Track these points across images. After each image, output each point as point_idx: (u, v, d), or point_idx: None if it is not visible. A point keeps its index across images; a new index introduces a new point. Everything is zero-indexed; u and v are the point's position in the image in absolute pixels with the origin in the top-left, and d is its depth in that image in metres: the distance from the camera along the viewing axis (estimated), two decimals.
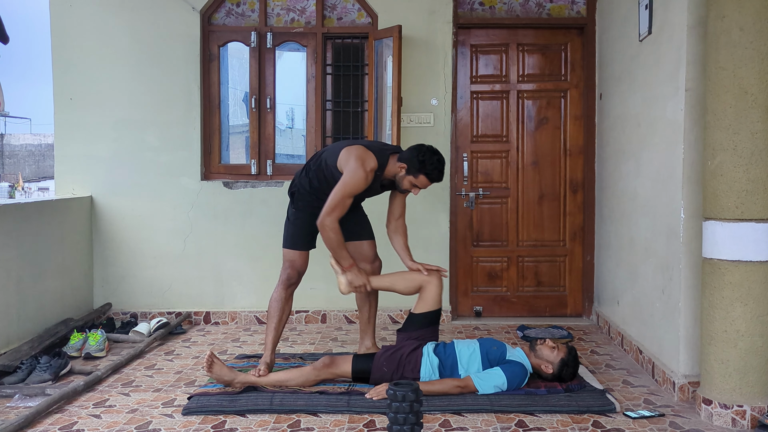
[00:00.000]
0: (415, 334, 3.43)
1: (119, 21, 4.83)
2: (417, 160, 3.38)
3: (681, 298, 3.26)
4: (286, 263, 3.61)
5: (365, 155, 3.36)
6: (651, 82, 3.69)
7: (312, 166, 3.54)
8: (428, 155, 3.39)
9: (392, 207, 3.69)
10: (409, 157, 3.41)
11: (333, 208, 3.33)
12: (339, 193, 3.33)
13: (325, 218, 3.33)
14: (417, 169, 3.39)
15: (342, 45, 5.03)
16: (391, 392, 2.51)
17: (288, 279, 3.59)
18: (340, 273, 3.47)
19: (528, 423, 2.96)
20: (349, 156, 3.36)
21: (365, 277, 3.47)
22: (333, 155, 3.45)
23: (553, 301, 5.08)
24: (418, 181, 3.42)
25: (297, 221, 3.57)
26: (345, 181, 3.33)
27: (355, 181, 3.32)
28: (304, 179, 3.54)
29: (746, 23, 2.80)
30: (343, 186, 3.33)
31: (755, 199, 2.84)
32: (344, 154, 3.39)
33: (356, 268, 3.46)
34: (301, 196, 3.54)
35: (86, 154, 4.86)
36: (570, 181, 5.04)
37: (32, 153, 19.67)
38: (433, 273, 3.49)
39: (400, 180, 3.46)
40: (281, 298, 3.59)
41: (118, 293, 4.90)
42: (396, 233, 3.68)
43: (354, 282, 3.44)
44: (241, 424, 2.97)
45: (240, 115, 5.14)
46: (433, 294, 3.45)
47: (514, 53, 5.03)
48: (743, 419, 2.89)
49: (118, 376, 3.65)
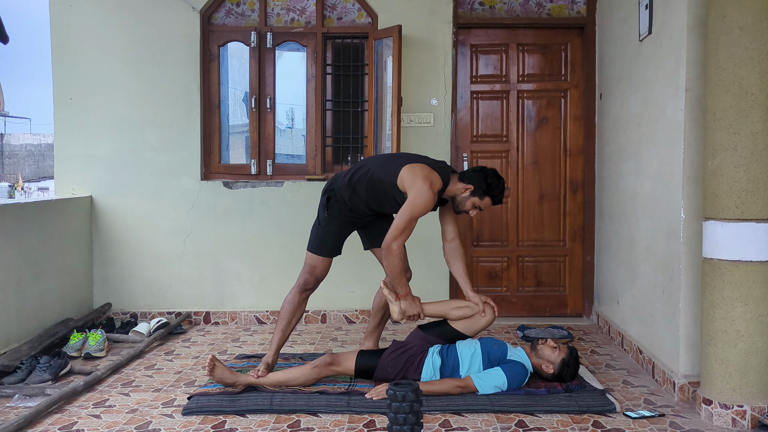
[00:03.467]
0: (431, 338, 3.42)
1: (119, 21, 4.83)
2: (485, 183, 3.34)
3: (681, 298, 3.26)
4: (307, 267, 3.53)
5: (431, 175, 3.26)
6: (651, 82, 3.69)
7: (358, 176, 3.38)
8: (495, 179, 3.36)
9: (445, 229, 3.58)
10: (476, 179, 3.35)
11: (401, 231, 3.21)
12: (407, 216, 3.20)
13: (392, 242, 3.21)
14: (484, 191, 3.34)
15: (342, 45, 5.03)
16: (391, 392, 2.51)
17: (305, 283, 3.52)
18: (394, 302, 3.37)
19: (528, 423, 2.96)
20: (414, 176, 3.24)
21: (419, 305, 3.38)
22: (390, 172, 3.31)
23: (553, 301, 5.08)
24: (483, 203, 3.37)
25: (328, 227, 3.47)
26: (414, 203, 3.19)
27: (425, 203, 3.21)
28: (345, 188, 3.39)
29: (746, 23, 2.80)
30: (411, 208, 3.20)
31: (755, 199, 2.84)
32: (407, 172, 3.26)
33: (411, 296, 3.36)
34: (337, 203, 3.43)
35: (86, 154, 4.86)
36: (570, 181, 5.04)
37: (32, 153, 19.67)
38: (490, 309, 3.44)
39: (462, 201, 3.38)
40: (294, 302, 3.52)
41: (118, 293, 4.90)
42: (453, 257, 3.56)
43: (408, 311, 3.34)
44: (241, 424, 2.97)
45: (240, 115, 5.13)
46: (480, 326, 3.44)
47: (514, 53, 5.03)
48: (743, 419, 2.89)
49: (118, 376, 3.65)
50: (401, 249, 3.25)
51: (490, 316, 3.44)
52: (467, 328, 3.44)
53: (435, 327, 3.48)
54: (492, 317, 3.44)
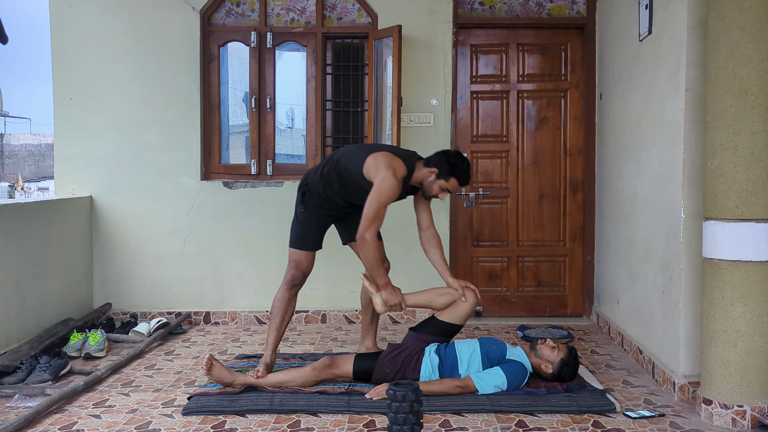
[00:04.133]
0: (425, 337, 3.43)
1: (119, 21, 4.83)
2: (448, 164, 3.37)
3: (681, 298, 3.26)
4: (292, 263, 3.57)
5: (394, 162, 3.30)
6: (651, 82, 3.69)
7: (329, 168, 3.45)
8: (458, 159, 3.40)
9: (420, 218, 3.60)
10: (439, 162, 3.39)
11: (372, 220, 3.24)
12: (375, 205, 3.24)
13: (365, 233, 3.24)
14: (448, 172, 3.37)
15: (342, 45, 5.03)
16: (391, 392, 2.51)
17: (292, 279, 3.57)
18: (375, 293, 3.39)
19: (528, 423, 2.96)
20: (378, 164, 3.28)
21: (400, 295, 3.40)
22: (355, 161, 3.37)
23: (553, 301, 5.08)
24: (449, 185, 3.40)
25: (306, 221, 3.53)
26: (379, 191, 3.24)
27: (390, 190, 3.25)
28: (318, 181, 3.46)
29: (746, 23, 2.80)
30: (378, 196, 3.24)
31: (755, 199, 2.84)
32: (371, 161, 3.31)
33: (391, 286, 3.39)
34: (312, 197, 3.50)
35: (86, 154, 4.86)
36: (570, 181, 5.04)
37: (32, 153, 19.67)
38: (471, 292, 3.45)
39: (429, 185, 3.41)
40: (284, 299, 3.57)
41: (118, 293, 4.90)
42: (430, 245, 3.59)
43: (389, 301, 3.36)
44: (241, 424, 2.97)
45: (240, 115, 5.13)
46: (465, 311, 3.44)
47: (514, 53, 5.03)
48: (743, 419, 2.89)
49: (118, 376, 3.65)
50: (375, 238, 3.27)
51: (472, 299, 3.44)
52: (453, 316, 3.44)
53: (425, 325, 3.49)
54: (474, 300, 3.44)
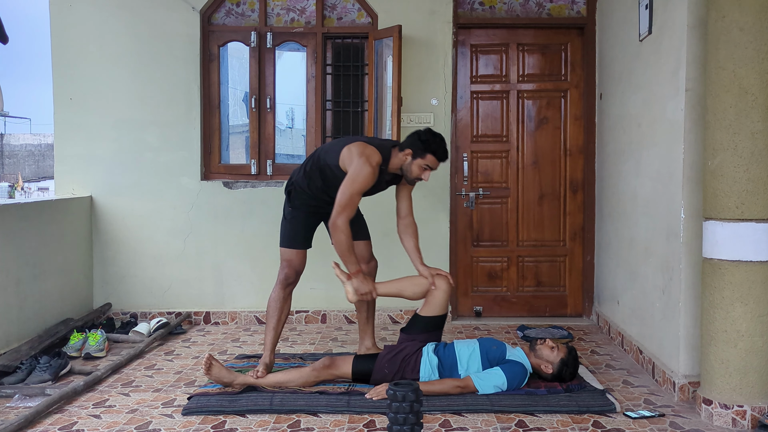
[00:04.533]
0: (419, 336, 3.43)
1: (119, 21, 4.83)
2: (420, 142, 3.38)
3: (681, 298, 3.26)
4: (284, 263, 3.60)
5: (368, 150, 3.33)
6: (651, 82, 3.69)
7: (310, 165, 3.50)
8: (429, 135, 3.41)
9: (399, 206, 3.63)
10: (411, 142, 3.41)
11: (344, 207, 3.27)
12: (348, 192, 3.27)
13: (336, 219, 3.27)
14: (423, 149, 3.37)
15: (342, 45, 5.03)
16: (391, 392, 2.51)
17: (286, 278, 3.58)
18: (346, 281, 3.41)
19: (528, 423, 2.96)
20: (351, 154, 3.32)
21: (371, 283, 3.42)
22: (332, 154, 3.41)
23: (553, 301, 5.08)
24: (427, 161, 3.39)
25: (294, 220, 3.55)
26: (353, 179, 3.28)
27: (363, 178, 3.27)
28: (302, 179, 3.50)
29: (746, 23, 2.80)
30: (351, 183, 3.27)
31: (755, 199, 2.84)
32: (346, 152, 3.35)
33: (362, 274, 3.40)
34: (298, 195, 3.53)
35: (86, 154, 4.86)
36: (570, 181, 5.04)
37: (32, 153, 19.67)
38: (442, 278, 3.46)
39: (408, 167, 3.42)
40: (279, 298, 3.58)
41: (118, 293, 4.90)
42: (405, 234, 3.62)
43: (360, 289, 3.38)
44: (241, 424, 2.97)
45: (240, 115, 5.13)
46: (440, 299, 3.44)
47: (514, 53, 5.03)
48: (743, 419, 2.89)
49: (118, 376, 3.65)
50: (347, 225, 3.29)
51: (444, 285, 3.44)
52: (433, 308, 3.44)
53: (413, 324, 3.48)
54: (446, 286, 3.44)
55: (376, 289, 3.44)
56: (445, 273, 3.51)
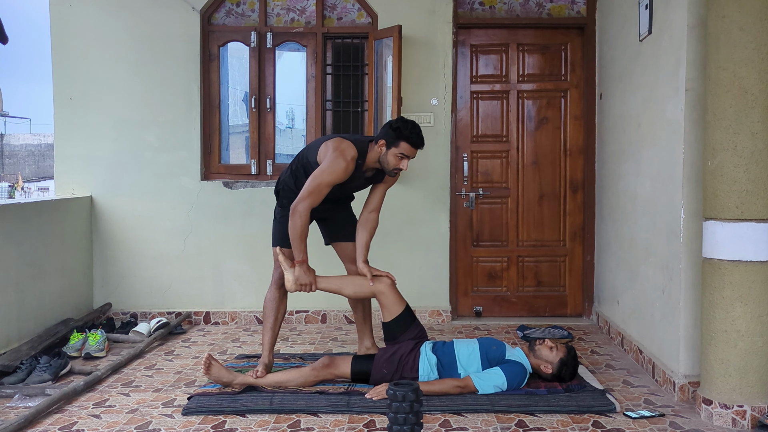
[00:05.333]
0: (400, 338, 3.42)
1: (119, 21, 4.83)
2: (391, 130, 3.37)
3: (681, 298, 3.26)
4: (277, 262, 3.60)
5: (343, 145, 3.35)
6: (651, 82, 3.69)
7: (296, 164, 3.54)
8: (401, 122, 3.39)
9: (370, 199, 3.60)
10: (384, 133, 3.40)
11: (309, 194, 3.29)
12: (316, 181, 3.29)
13: (298, 203, 3.29)
14: (395, 137, 3.36)
15: (342, 45, 5.03)
16: (391, 392, 2.51)
17: (280, 278, 3.57)
18: (288, 269, 3.39)
19: (528, 423, 2.96)
20: (327, 148, 3.36)
21: (313, 276, 3.40)
22: (312, 151, 3.46)
23: (553, 301, 5.08)
24: (402, 149, 3.36)
25: (284, 219, 3.54)
26: (323, 169, 3.30)
27: (333, 170, 3.28)
28: (289, 178, 3.53)
29: (746, 23, 2.80)
30: (321, 173, 3.30)
31: (755, 199, 2.84)
32: (323, 148, 3.39)
33: (306, 265, 3.38)
34: (286, 194, 3.54)
35: (86, 154, 4.86)
36: (570, 181, 5.04)
37: (32, 153, 19.67)
38: (380, 281, 3.44)
39: (385, 159, 3.40)
40: (275, 298, 3.59)
41: (118, 293, 4.90)
42: (363, 227, 3.56)
43: (300, 279, 3.36)
44: (241, 424, 2.97)
45: (240, 115, 5.13)
46: (391, 300, 3.43)
47: (514, 53, 5.03)
48: (743, 419, 2.89)
49: (118, 376, 3.65)
50: (307, 212, 3.29)
51: (385, 288, 3.41)
52: (389, 311, 3.42)
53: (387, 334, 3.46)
54: (388, 289, 3.42)
55: (316, 281, 3.41)
56: (385, 273, 3.48)
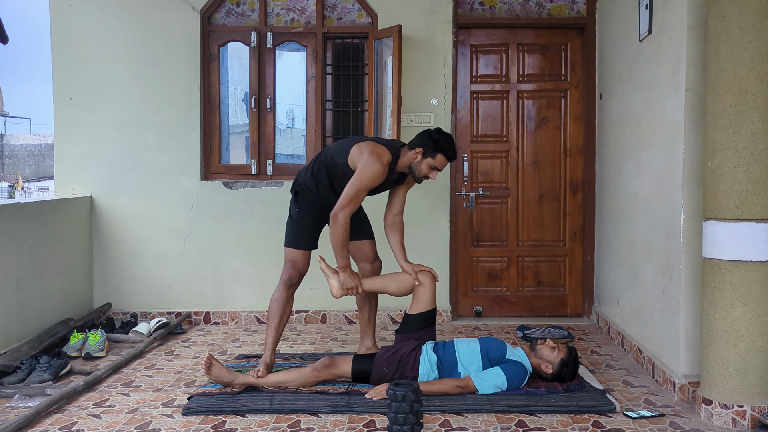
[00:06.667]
0: (413, 335, 3.43)
1: (119, 21, 4.83)
2: (431, 141, 3.41)
3: (681, 298, 3.26)
4: (288, 263, 3.59)
5: (378, 149, 3.35)
6: (651, 82, 3.69)
7: (318, 165, 3.50)
8: (440, 135, 3.44)
9: (392, 202, 3.65)
10: (422, 141, 3.43)
11: (348, 201, 3.31)
12: (354, 187, 3.30)
13: (339, 211, 3.31)
14: (433, 149, 3.41)
15: (342, 45, 5.03)
16: (391, 392, 2.51)
17: (289, 279, 3.58)
18: (331, 275, 3.43)
19: (528, 423, 2.96)
20: (361, 151, 3.34)
21: (357, 279, 3.44)
22: (342, 153, 3.42)
23: (553, 301, 5.08)
24: (437, 161, 3.43)
25: (300, 220, 3.55)
26: (361, 175, 3.30)
27: (372, 174, 3.30)
28: (309, 179, 3.50)
29: (746, 23, 2.80)
30: (359, 180, 3.30)
31: (755, 199, 2.84)
32: (355, 150, 3.37)
33: (350, 269, 3.43)
34: (305, 196, 3.52)
35: (86, 154, 4.86)
36: (570, 181, 5.04)
37: (32, 153, 19.67)
38: (425, 274, 3.48)
39: (417, 166, 3.44)
40: (282, 298, 3.58)
41: (118, 293, 4.90)
42: (392, 229, 3.63)
43: (346, 284, 3.40)
44: (241, 424, 2.97)
45: (240, 115, 5.13)
46: (426, 295, 3.45)
47: (514, 53, 5.03)
48: (743, 419, 2.89)
49: (118, 376, 3.65)
50: (347, 220, 3.32)
51: (428, 282, 3.45)
52: (421, 305, 3.45)
53: (405, 325, 3.49)
54: (430, 281, 3.45)
55: (362, 284, 3.45)
56: (429, 268, 3.52)
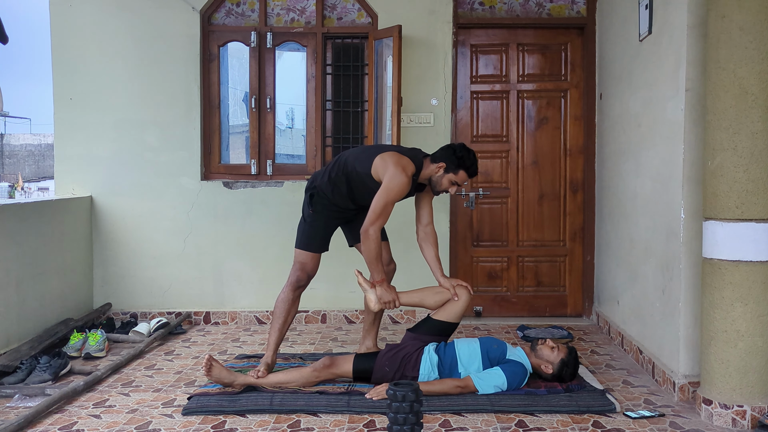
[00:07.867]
0: (423, 337, 3.43)
1: (119, 21, 4.83)
2: (455, 158, 3.41)
3: (681, 298, 3.26)
4: (297, 264, 3.58)
5: (403, 161, 3.35)
6: (651, 82, 3.69)
7: (336, 171, 3.47)
8: (464, 152, 3.44)
9: (420, 213, 3.63)
10: (446, 156, 3.43)
11: (378, 215, 3.30)
12: (382, 201, 3.29)
13: (369, 227, 3.30)
14: (456, 165, 3.41)
15: (342, 45, 5.03)
16: (391, 392, 2.51)
17: (297, 281, 3.57)
18: (369, 289, 3.44)
19: (528, 423, 2.96)
20: (386, 163, 3.33)
21: (395, 292, 3.44)
22: (363, 163, 3.41)
23: (553, 301, 5.08)
24: (458, 177, 3.43)
25: (314, 223, 3.53)
26: (388, 188, 3.29)
27: (399, 187, 3.30)
28: (326, 184, 3.48)
29: (746, 23, 2.80)
30: (386, 193, 3.29)
31: (755, 199, 2.84)
32: (379, 161, 3.36)
33: (387, 283, 3.43)
34: (320, 199, 3.51)
35: (86, 154, 4.86)
36: (570, 181, 5.04)
37: (32, 153, 19.67)
38: (463, 289, 3.48)
39: (438, 180, 3.44)
40: (288, 300, 3.57)
41: (118, 293, 4.90)
42: (426, 242, 3.62)
43: (383, 297, 3.41)
44: (241, 424, 2.97)
45: (240, 115, 5.14)
46: (458, 309, 3.45)
47: (514, 53, 5.03)
48: (743, 419, 2.89)
49: (118, 376, 3.65)
50: (378, 234, 3.32)
51: (465, 297, 3.46)
52: (448, 315, 3.46)
53: (422, 325, 3.50)
54: (466, 297, 3.46)
55: (399, 298, 3.45)
56: (466, 284, 3.52)
